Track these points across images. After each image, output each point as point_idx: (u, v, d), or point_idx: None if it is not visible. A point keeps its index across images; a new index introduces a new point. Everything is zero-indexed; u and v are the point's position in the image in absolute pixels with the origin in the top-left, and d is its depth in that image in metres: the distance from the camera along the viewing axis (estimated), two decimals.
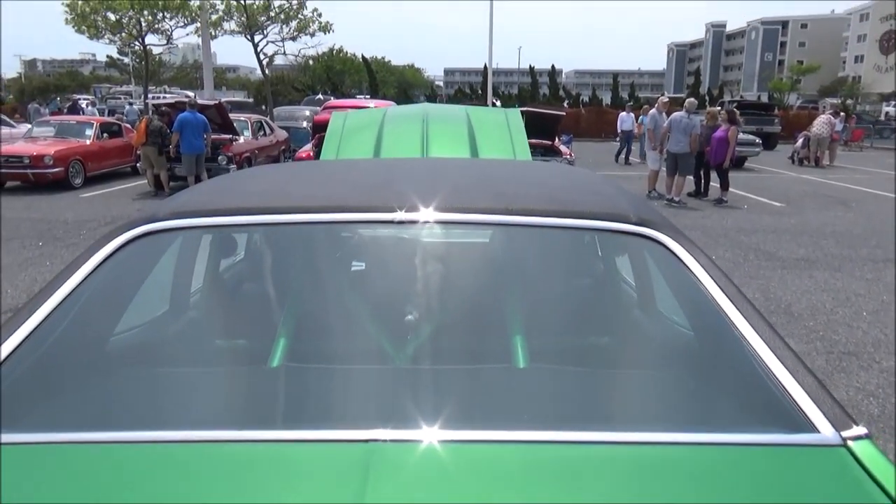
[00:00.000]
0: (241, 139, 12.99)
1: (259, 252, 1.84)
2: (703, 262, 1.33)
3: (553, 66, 37.76)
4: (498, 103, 27.75)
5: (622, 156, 17.75)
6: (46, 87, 46.56)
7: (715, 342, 1.30)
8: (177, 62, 56.50)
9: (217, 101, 12.94)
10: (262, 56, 18.05)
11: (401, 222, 1.37)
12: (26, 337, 1.14)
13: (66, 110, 20.35)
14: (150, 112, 13.27)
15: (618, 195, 1.61)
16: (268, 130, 14.54)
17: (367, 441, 0.97)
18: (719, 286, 1.27)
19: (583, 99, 36.03)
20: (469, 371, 1.34)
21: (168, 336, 1.64)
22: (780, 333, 1.24)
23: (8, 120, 15.50)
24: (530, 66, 38.42)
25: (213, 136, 11.37)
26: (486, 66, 30.68)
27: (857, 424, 1.05)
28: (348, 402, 1.21)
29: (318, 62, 44.61)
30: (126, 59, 61.69)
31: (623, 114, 17.94)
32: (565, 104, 33.78)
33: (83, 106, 23.61)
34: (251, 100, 36.71)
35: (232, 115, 13.25)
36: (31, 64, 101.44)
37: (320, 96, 26.11)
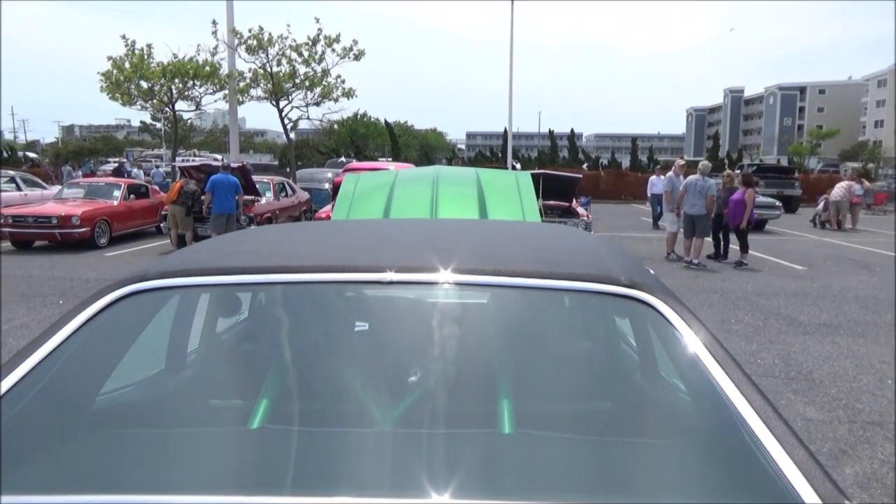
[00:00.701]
0: (263, 200, 13.27)
1: (251, 311, 1.85)
2: (694, 326, 1.31)
3: (572, 130, 38.39)
4: (518, 166, 28.12)
5: (653, 219, 17.52)
6: (81, 151, 48.18)
7: (705, 408, 1.26)
8: (207, 127, 58.52)
9: (241, 164, 13.29)
10: (286, 121, 18.62)
11: (389, 282, 1.38)
12: (5, 392, 1.14)
13: (111, 172, 20.92)
14: (178, 175, 13.66)
15: (613, 257, 1.60)
16: (290, 192, 14.85)
17: None
18: (709, 351, 1.24)
19: (602, 162, 36.37)
20: (452, 436, 1.31)
21: (153, 396, 1.63)
22: (771, 402, 1.20)
23: (41, 182, 16.02)
24: (550, 130, 39.07)
25: (243, 196, 11.62)
26: (505, 130, 31.26)
27: (850, 501, 1.00)
28: (324, 467, 1.18)
29: (342, 126, 45.82)
30: (158, 125, 63.97)
31: (653, 178, 17.85)
32: (584, 167, 34.11)
33: (128, 168, 24.15)
34: (276, 162, 37.64)
35: (255, 177, 13.59)
36: (68, 129, 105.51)
37: (342, 159, 26.67)
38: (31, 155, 45.35)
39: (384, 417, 1.36)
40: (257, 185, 13.07)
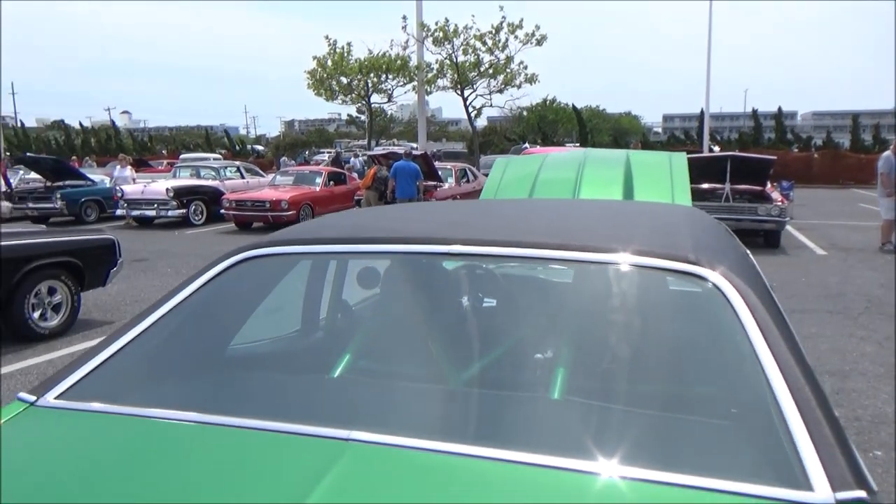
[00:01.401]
0: (445, 185, 13.92)
1: (344, 277, 2.07)
2: (754, 305, 1.29)
3: (780, 109, 34.78)
4: (716, 149, 26.29)
5: None
6: (296, 143, 53.56)
7: (744, 389, 1.25)
8: (404, 118, 61.94)
9: (423, 152, 14.06)
10: (470, 109, 19.23)
11: (456, 254, 1.53)
12: (140, 333, 1.47)
13: (330, 162, 22.87)
14: (372, 163, 14.82)
15: (699, 237, 1.59)
16: (471, 177, 15.39)
17: (349, 440, 1.11)
18: (765, 339, 1.22)
19: (815, 143, 32.63)
20: (507, 397, 1.43)
21: (277, 350, 1.91)
22: (817, 386, 1.17)
23: (260, 171, 18.23)
24: (753, 109, 35.82)
25: (423, 182, 12.36)
26: (702, 111, 29.32)
27: (861, 489, 0.97)
28: (388, 412, 1.36)
29: (531, 113, 45.95)
30: (363, 117, 68.66)
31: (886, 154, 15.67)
32: (794, 148, 30.89)
33: (346, 157, 26.10)
34: (465, 150, 38.83)
35: (439, 164, 14.29)
36: (289, 124, 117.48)
37: (525, 145, 26.93)
38: (259, 147, 51.34)
39: (450, 376, 1.52)
40: (440, 172, 13.74)
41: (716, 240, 1.67)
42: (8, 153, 30.64)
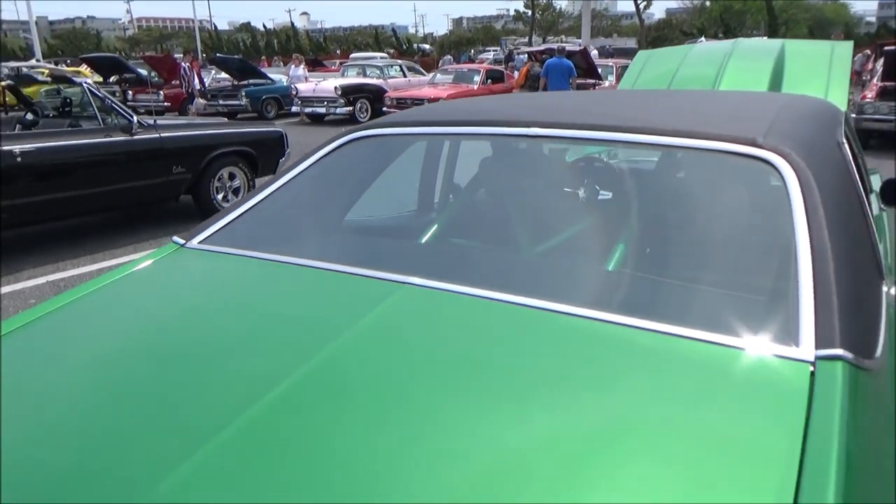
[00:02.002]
0: (606, 83, 13.40)
1: (455, 160, 2.26)
2: (809, 189, 1.32)
3: None
4: None
5: None
6: (461, 41, 53.24)
7: (778, 266, 1.30)
8: (574, 12, 58.92)
9: (583, 48, 13.52)
10: (639, 2, 17.92)
11: (532, 136, 1.68)
12: (265, 198, 1.79)
13: (503, 60, 22.35)
14: (526, 60, 14.55)
15: (784, 125, 1.59)
16: None
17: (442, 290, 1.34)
18: (808, 217, 1.26)
19: None
20: (569, 265, 1.59)
21: (389, 222, 2.17)
22: (849, 266, 1.20)
23: (422, 70, 18.62)
24: None
25: (577, 81, 12.02)
26: None
27: (842, 348, 1.04)
28: (456, 268, 1.58)
29: (714, 2, 41.77)
30: (530, 12, 66.24)
31: None
32: None
33: (517, 55, 25.58)
34: (637, 46, 36.51)
35: (600, 61, 13.71)
36: (457, 22, 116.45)
37: (702, 39, 24.69)
38: (424, 46, 51.83)
39: (523, 246, 1.70)
40: (599, 70, 13.21)
41: (808, 130, 1.64)
42: (204, 55, 33.51)
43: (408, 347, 1.20)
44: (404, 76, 16.83)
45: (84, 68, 19.43)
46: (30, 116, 6.01)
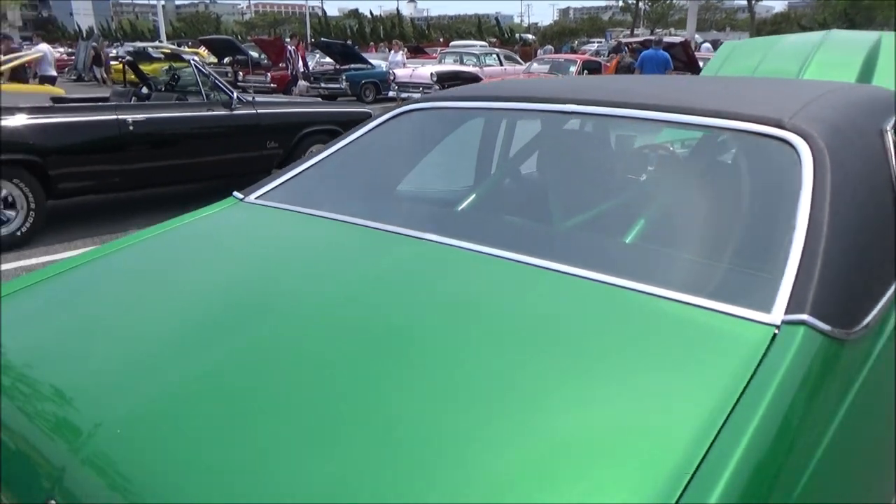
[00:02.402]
0: None
1: (512, 136, 2.35)
2: (823, 169, 1.35)
3: None
4: None
5: None
6: (563, 32, 52.47)
7: (779, 236, 1.33)
8: (685, 4, 56.72)
9: (684, 40, 13.08)
10: None
11: (568, 112, 1.78)
12: (320, 161, 1.97)
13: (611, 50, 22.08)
14: (622, 50, 14.26)
15: (821, 110, 1.60)
16: None
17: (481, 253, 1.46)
18: (814, 195, 1.30)
19: None
20: (590, 236, 1.68)
21: (423, 192, 2.31)
22: (843, 242, 1.23)
23: (518, 59, 18.61)
24: None
25: (675, 74, 11.70)
26: None
27: (812, 315, 1.08)
28: (482, 231, 1.69)
29: None
30: (640, 4, 64.42)
31: None
32: None
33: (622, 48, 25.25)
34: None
35: (703, 55, 13.24)
36: (564, 12, 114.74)
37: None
38: (527, 36, 51.40)
39: (551, 217, 1.80)
40: (700, 62, 12.76)
41: (844, 115, 1.63)
42: (313, 39, 34.71)
43: (416, 291, 1.35)
44: (500, 65, 16.88)
45: (202, 49, 20.70)
46: (144, 90, 6.57)
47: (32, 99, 5.46)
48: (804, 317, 1.08)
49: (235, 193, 1.93)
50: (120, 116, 5.28)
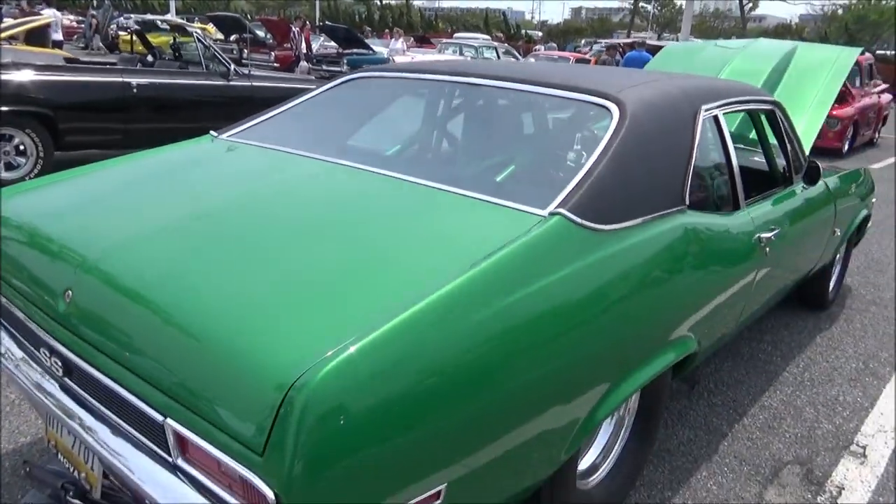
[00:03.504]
0: None
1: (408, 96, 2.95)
2: (620, 124, 1.90)
3: None
4: None
5: None
6: (568, 31, 52.88)
7: (578, 163, 1.92)
8: (696, 11, 57.16)
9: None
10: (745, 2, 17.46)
11: (461, 83, 2.39)
12: (283, 111, 2.55)
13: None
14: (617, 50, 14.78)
15: (646, 90, 2.14)
16: None
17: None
18: (609, 140, 1.87)
19: None
20: (445, 163, 2.32)
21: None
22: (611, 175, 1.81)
23: (516, 53, 19.13)
24: None
25: None
26: None
27: (570, 211, 1.62)
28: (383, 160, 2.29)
29: (849, 12, 39.58)
30: (649, 7, 64.74)
31: None
32: None
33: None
34: None
35: None
36: (576, 11, 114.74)
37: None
38: (533, 33, 51.82)
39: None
40: None
41: (665, 98, 2.17)
42: (320, 23, 35.03)
43: (319, 186, 1.95)
44: (498, 58, 17.36)
45: (209, 26, 21.12)
46: (150, 58, 7.10)
47: (47, 59, 5.99)
48: (562, 210, 1.63)
49: (211, 132, 2.49)
50: (125, 79, 5.82)
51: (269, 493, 1.07)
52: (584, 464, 2.05)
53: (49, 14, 11.50)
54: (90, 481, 1.56)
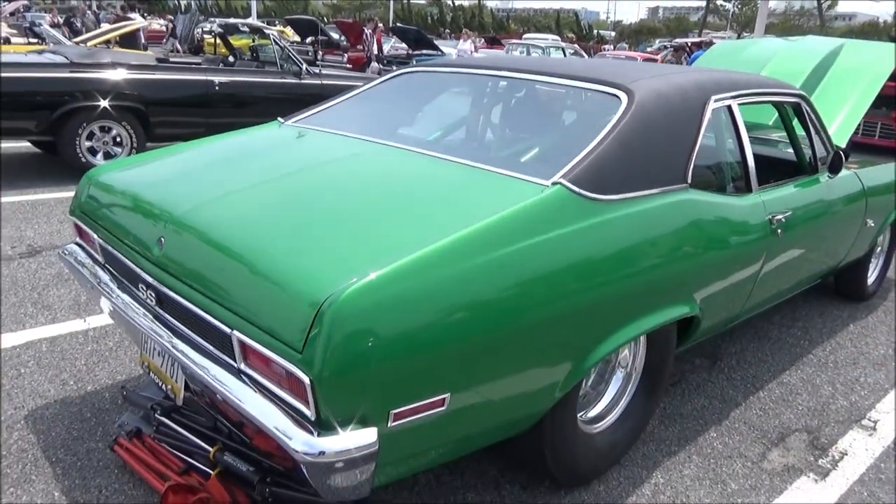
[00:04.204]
0: None
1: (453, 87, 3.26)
2: (626, 111, 2.16)
3: None
4: None
5: None
6: (641, 31, 51.96)
7: (582, 141, 2.18)
8: (778, 10, 55.17)
9: None
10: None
11: (499, 76, 2.70)
12: (341, 101, 2.92)
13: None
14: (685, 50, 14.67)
15: (659, 83, 2.39)
16: None
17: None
18: (614, 124, 2.14)
19: None
20: (474, 142, 2.63)
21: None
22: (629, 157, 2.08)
23: (584, 53, 19.18)
24: None
25: None
26: None
27: (571, 182, 1.90)
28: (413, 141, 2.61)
29: None
30: (728, 5, 62.79)
31: None
32: None
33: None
34: None
35: None
36: (654, 10, 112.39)
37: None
38: (604, 33, 51.29)
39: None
40: None
41: (676, 89, 2.39)
42: (392, 25, 35.83)
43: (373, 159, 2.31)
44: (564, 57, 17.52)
45: (286, 28, 22.11)
46: (231, 59, 7.69)
47: (141, 59, 6.64)
48: (562, 181, 1.90)
49: (279, 118, 2.89)
50: (208, 78, 6.40)
51: (306, 379, 1.40)
52: (593, 412, 2.31)
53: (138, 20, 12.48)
54: (174, 391, 1.95)
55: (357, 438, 1.44)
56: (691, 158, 2.29)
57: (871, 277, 4.16)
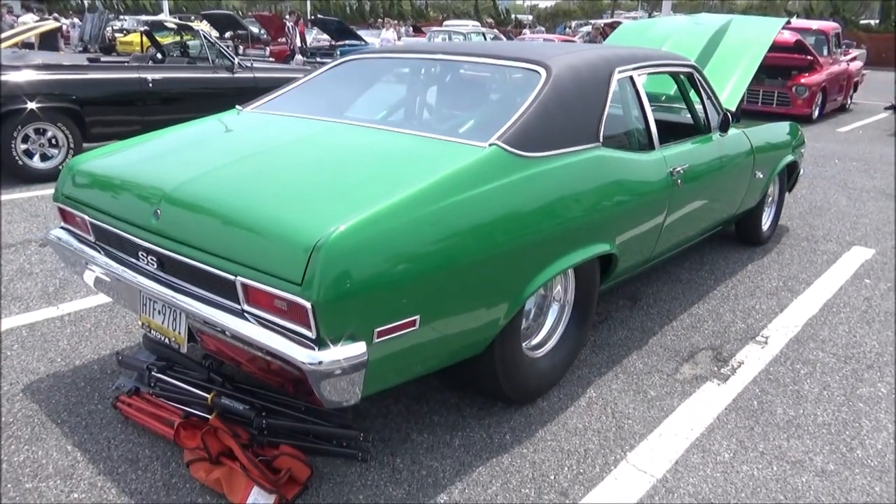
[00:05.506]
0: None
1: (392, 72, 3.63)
2: (545, 82, 2.58)
3: None
4: None
5: None
6: (557, 14, 53.13)
7: (512, 109, 2.58)
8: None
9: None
10: None
11: (430, 59, 3.06)
12: (292, 88, 3.23)
13: None
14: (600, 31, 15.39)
15: (572, 58, 2.83)
16: None
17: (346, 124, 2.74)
18: (536, 92, 2.55)
19: None
20: (405, 112, 3.08)
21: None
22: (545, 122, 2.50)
23: (503, 38, 19.74)
24: None
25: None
26: None
27: (504, 143, 2.31)
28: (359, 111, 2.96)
29: None
30: None
31: None
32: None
33: None
34: None
35: None
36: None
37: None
38: (521, 17, 52.27)
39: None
40: None
41: (585, 63, 2.84)
42: (312, 17, 35.47)
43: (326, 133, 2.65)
44: None
45: (203, 23, 21.75)
46: (159, 56, 7.75)
47: (72, 59, 6.66)
48: (497, 142, 2.30)
49: (237, 106, 3.17)
50: (142, 76, 6.49)
51: (308, 304, 1.75)
52: (535, 340, 2.73)
53: (26, 20, 12.20)
54: (178, 342, 2.24)
55: (349, 351, 1.80)
56: (602, 120, 2.73)
57: (766, 224, 4.76)
